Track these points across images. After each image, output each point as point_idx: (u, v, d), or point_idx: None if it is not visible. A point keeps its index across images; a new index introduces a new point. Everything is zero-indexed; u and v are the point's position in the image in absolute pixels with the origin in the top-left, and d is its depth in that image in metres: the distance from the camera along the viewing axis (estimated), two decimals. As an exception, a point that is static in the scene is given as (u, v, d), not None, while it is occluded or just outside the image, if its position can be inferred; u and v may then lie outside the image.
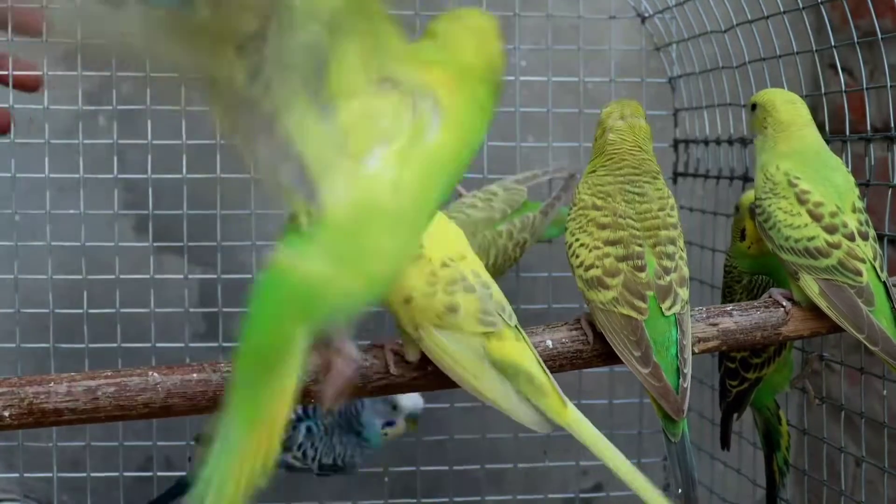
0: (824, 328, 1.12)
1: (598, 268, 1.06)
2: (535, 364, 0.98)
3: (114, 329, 1.55)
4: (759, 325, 1.12)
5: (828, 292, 1.08)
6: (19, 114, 1.57)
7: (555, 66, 1.67)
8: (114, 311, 1.56)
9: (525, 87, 1.69)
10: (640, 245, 1.06)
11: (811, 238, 1.09)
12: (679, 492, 1.05)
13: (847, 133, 1.30)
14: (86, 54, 1.45)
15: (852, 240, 1.08)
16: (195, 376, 1.01)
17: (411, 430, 1.50)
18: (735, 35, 1.49)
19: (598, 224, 1.08)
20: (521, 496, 1.73)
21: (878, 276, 1.09)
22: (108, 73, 1.58)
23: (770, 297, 1.14)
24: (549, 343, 1.07)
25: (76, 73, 1.57)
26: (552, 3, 1.66)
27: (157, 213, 1.56)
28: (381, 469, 1.67)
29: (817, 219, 1.09)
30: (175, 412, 1.02)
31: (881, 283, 1.09)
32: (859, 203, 1.12)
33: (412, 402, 1.47)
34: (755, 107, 1.21)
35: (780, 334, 1.12)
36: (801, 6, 1.33)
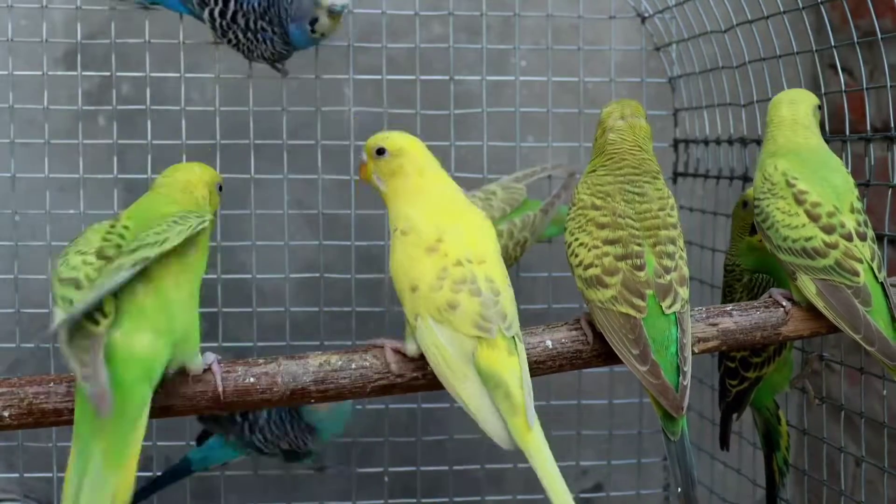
0: (824, 328, 1.12)
1: (597, 267, 1.06)
2: (516, 381, 0.97)
3: (114, 329, 1.55)
4: (758, 325, 1.11)
5: (825, 292, 1.08)
6: (19, 114, 1.57)
7: (555, 66, 1.67)
8: (114, 311, 1.55)
9: (525, 87, 1.69)
10: (639, 244, 1.06)
11: (808, 238, 1.09)
12: (679, 491, 1.05)
13: (847, 133, 1.30)
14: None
15: (850, 240, 1.08)
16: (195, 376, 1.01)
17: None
18: (735, 35, 1.49)
19: (597, 223, 1.08)
20: (521, 496, 1.73)
21: (876, 276, 1.08)
22: (108, 73, 1.58)
23: (770, 297, 1.14)
24: (549, 343, 1.07)
25: (76, 73, 1.58)
26: (552, 3, 1.66)
27: (158, 214, 1.56)
28: (381, 469, 1.67)
29: (815, 219, 1.09)
30: (175, 412, 1.02)
31: (879, 284, 1.08)
32: (858, 203, 1.11)
33: None
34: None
35: (779, 334, 1.12)
36: (801, 6, 1.33)
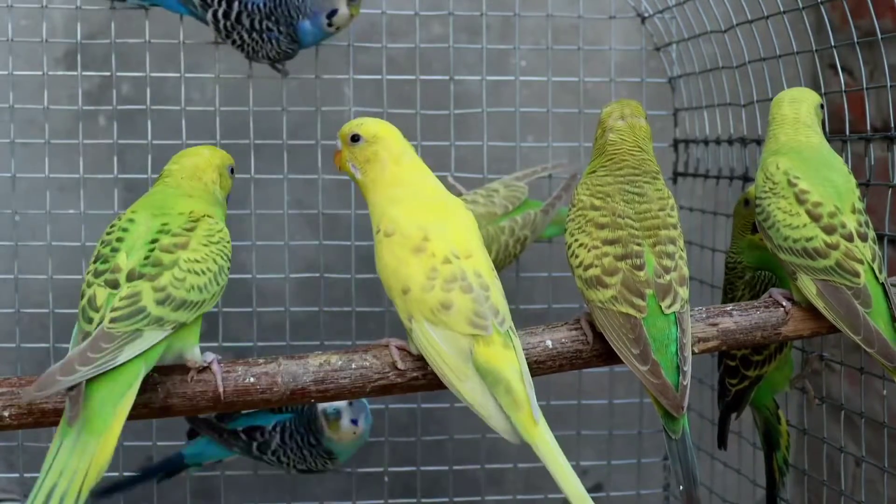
0: (824, 328, 1.12)
1: (597, 267, 1.06)
2: (516, 375, 0.97)
3: (114, 329, 1.55)
4: (758, 325, 1.11)
5: (825, 293, 1.08)
6: (19, 114, 1.57)
7: (555, 66, 1.67)
8: (114, 311, 1.55)
9: (525, 87, 1.69)
10: (638, 244, 1.06)
11: (809, 238, 1.08)
12: (681, 489, 1.05)
13: (847, 133, 1.30)
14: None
15: (851, 240, 1.08)
16: (195, 374, 1.01)
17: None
18: (735, 35, 1.49)
19: (597, 224, 1.08)
20: (521, 496, 1.73)
21: (877, 277, 1.08)
22: (108, 73, 1.58)
23: (770, 296, 1.14)
24: (549, 343, 1.07)
25: (76, 73, 1.58)
26: (552, 3, 1.66)
27: (158, 213, 1.56)
28: (381, 469, 1.67)
29: (816, 219, 1.09)
30: (175, 412, 1.02)
31: (879, 285, 1.08)
32: (859, 204, 1.11)
33: None
34: None
35: (779, 334, 1.12)
36: (801, 6, 1.33)
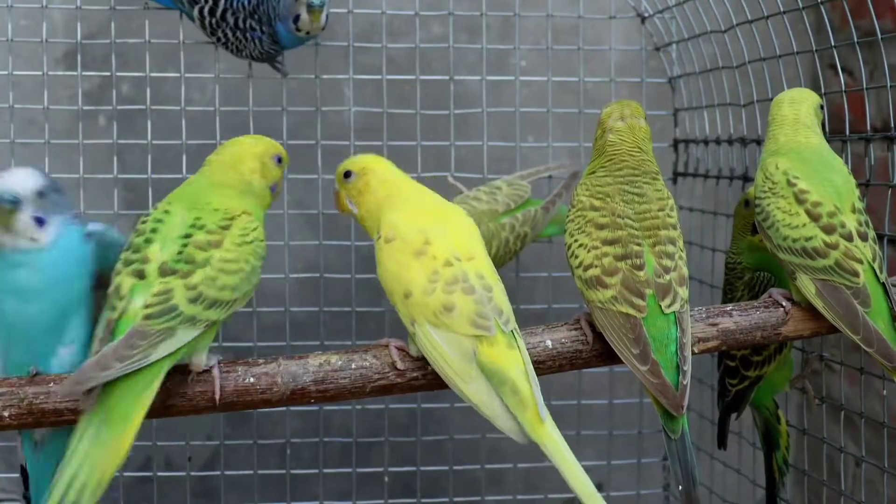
0: (824, 328, 1.12)
1: (597, 267, 1.06)
2: (521, 375, 0.97)
3: (114, 329, 1.55)
4: (758, 325, 1.11)
5: (824, 293, 1.08)
6: (19, 114, 1.57)
7: (555, 66, 1.67)
8: (114, 311, 1.55)
9: (525, 87, 1.69)
10: (638, 244, 1.06)
11: (809, 238, 1.08)
12: (680, 489, 1.05)
13: (847, 133, 1.30)
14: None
15: (850, 240, 1.08)
16: (195, 376, 1.01)
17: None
18: (735, 35, 1.49)
19: (597, 224, 1.08)
20: (521, 496, 1.73)
21: (877, 277, 1.08)
22: (108, 73, 1.58)
23: (770, 296, 1.14)
24: (549, 343, 1.07)
25: (76, 73, 1.58)
26: (552, 3, 1.66)
27: (158, 214, 1.56)
28: (381, 469, 1.67)
29: (815, 219, 1.09)
30: (175, 412, 1.02)
31: (879, 285, 1.08)
32: (859, 204, 1.11)
33: None
34: None
35: (779, 334, 1.12)
36: (801, 6, 1.33)
